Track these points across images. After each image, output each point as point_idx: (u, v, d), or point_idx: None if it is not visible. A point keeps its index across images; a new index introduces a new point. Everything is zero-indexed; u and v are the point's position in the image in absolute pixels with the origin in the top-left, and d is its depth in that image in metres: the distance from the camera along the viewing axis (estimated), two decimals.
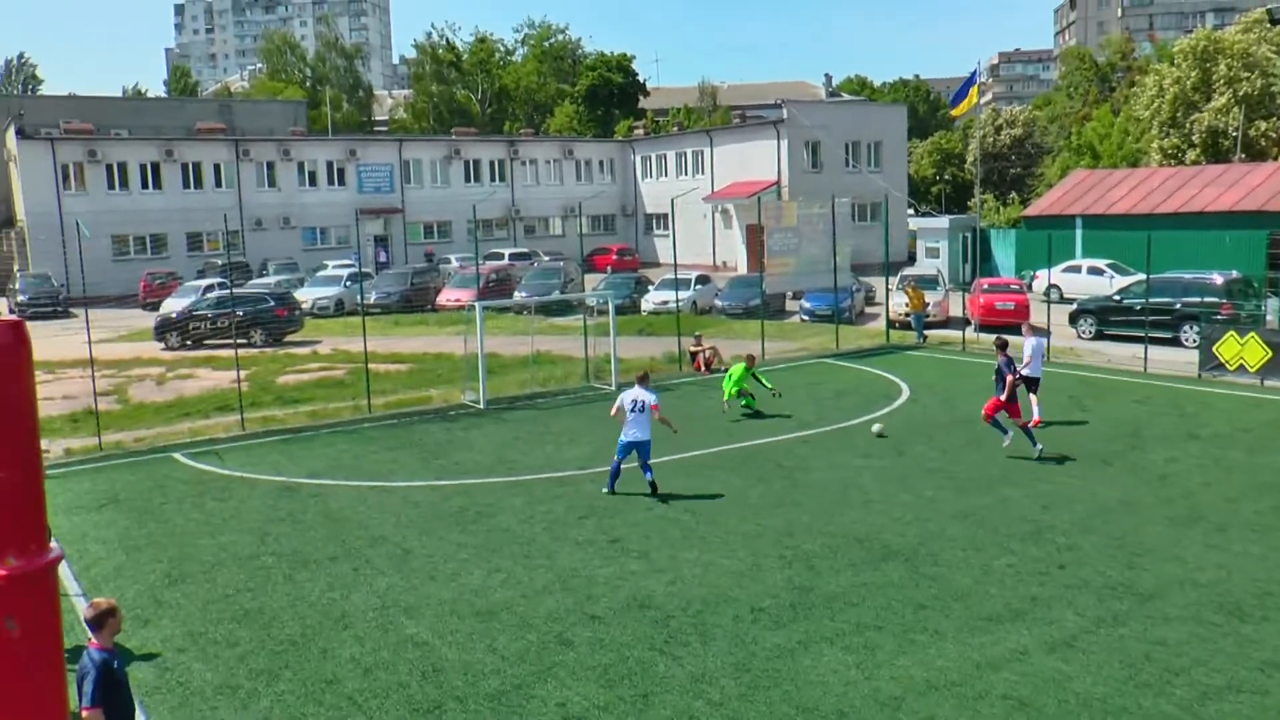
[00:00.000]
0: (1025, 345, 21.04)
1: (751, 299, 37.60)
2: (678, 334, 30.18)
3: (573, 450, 20.05)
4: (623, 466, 16.83)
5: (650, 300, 41.19)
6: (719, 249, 62.84)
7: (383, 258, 61.72)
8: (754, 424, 21.82)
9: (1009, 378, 18.23)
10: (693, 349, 29.20)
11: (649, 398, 16.49)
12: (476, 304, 25.48)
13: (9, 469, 2.73)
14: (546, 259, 57.73)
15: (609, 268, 56.83)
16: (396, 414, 23.71)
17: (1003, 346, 18.85)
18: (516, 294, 42.34)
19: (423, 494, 17.26)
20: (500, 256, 57.18)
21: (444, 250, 62.96)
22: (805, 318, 37.87)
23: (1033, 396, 20.89)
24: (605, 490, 16.72)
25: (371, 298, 41.98)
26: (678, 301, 33.73)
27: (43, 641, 2.76)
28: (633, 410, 16.43)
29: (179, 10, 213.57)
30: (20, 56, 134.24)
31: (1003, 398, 18.34)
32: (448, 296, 43.99)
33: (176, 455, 20.39)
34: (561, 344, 31.58)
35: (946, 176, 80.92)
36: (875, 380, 26.71)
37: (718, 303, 40.91)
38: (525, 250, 60.88)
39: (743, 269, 55.83)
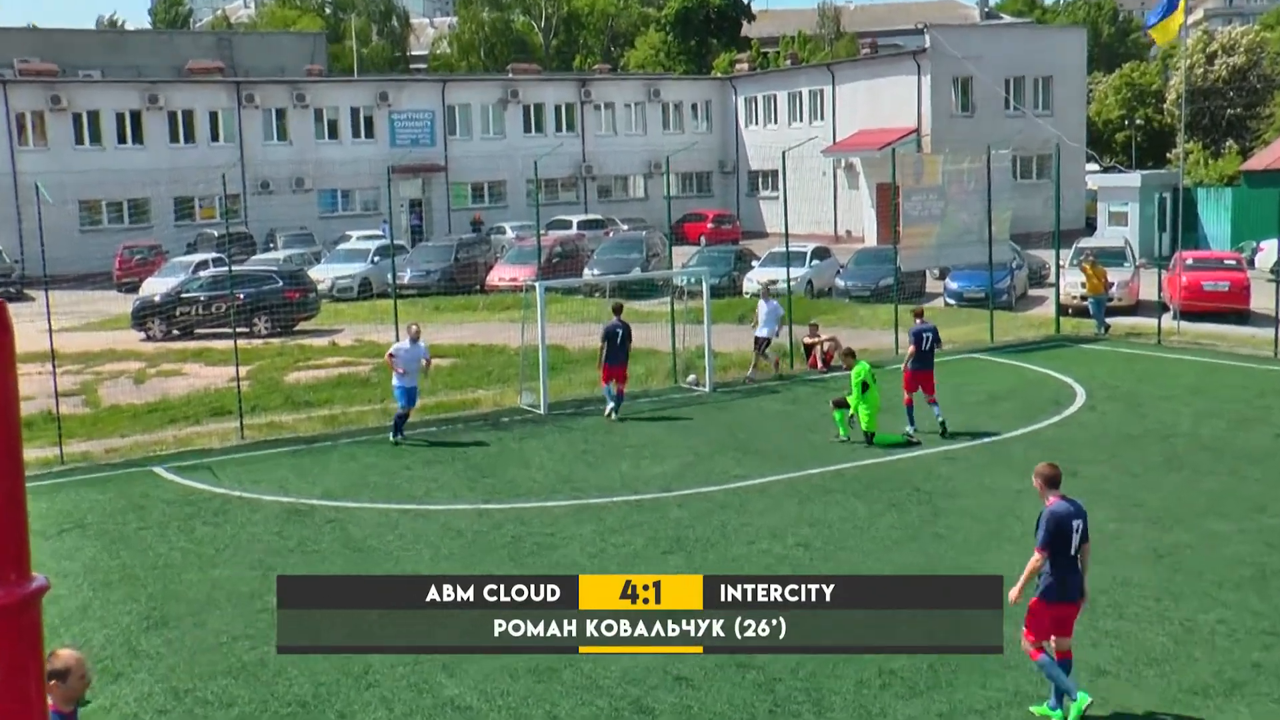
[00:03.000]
0: (760, 308, 27.75)
1: (883, 278, 37.29)
2: (789, 322, 30.04)
3: (655, 467, 20.07)
4: None
5: (754, 279, 40.99)
6: (841, 215, 62.50)
7: (415, 222, 62.35)
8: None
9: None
10: (807, 341, 29.04)
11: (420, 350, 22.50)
12: (537, 284, 25.65)
13: None
14: (625, 228, 57.98)
15: (703, 238, 56.86)
16: (435, 420, 23.96)
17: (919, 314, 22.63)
18: (587, 271, 42.47)
19: (467, 520, 17.41)
20: (567, 225, 57.45)
21: (496, 218, 63.33)
22: (951, 301, 37.51)
23: (757, 353, 27.40)
24: (393, 439, 21.93)
25: (405, 276, 42.39)
26: (789, 281, 33.53)
27: (21, 684, 2.83)
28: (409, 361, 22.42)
29: None
30: None
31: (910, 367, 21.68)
32: (501, 275, 44.29)
33: (158, 470, 20.80)
34: (643, 334, 31.60)
35: (1139, 120, 79.40)
36: (1041, 381, 26.35)
37: (840, 283, 40.66)
38: (598, 217, 61.05)
39: (872, 240, 55.45)
